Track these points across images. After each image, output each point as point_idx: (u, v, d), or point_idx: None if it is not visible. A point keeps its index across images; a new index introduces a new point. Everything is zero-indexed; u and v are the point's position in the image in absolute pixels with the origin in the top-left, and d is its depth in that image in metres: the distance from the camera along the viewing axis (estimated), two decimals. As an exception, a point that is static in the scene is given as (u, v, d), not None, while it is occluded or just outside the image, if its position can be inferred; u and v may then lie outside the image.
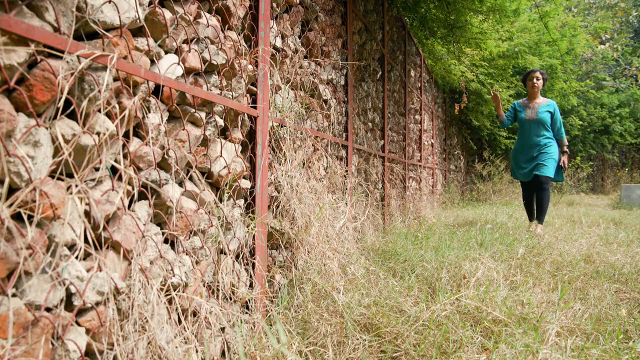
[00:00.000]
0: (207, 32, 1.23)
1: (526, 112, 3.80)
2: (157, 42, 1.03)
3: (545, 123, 3.71)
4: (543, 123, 3.72)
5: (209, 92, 1.19)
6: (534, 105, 3.79)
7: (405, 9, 3.29)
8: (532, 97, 3.85)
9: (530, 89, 3.83)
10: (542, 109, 3.76)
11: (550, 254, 2.58)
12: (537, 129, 3.74)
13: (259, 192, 1.49)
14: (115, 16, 0.89)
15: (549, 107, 3.78)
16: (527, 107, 3.83)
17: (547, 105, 3.80)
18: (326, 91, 2.19)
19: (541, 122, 3.72)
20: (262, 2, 1.53)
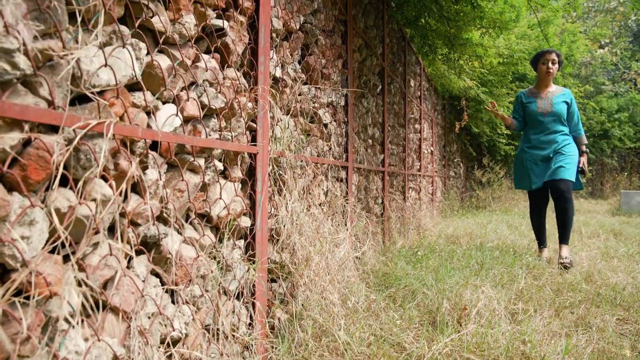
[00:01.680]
0: (205, 75, 1.21)
1: (537, 103, 3.09)
2: (154, 95, 1.01)
3: (561, 116, 3.03)
4: (559, 116, 3.03)
5: (207, 138, 1.18)
6: (547, 95, 3.09)
7: (405, 24, 3.27)
8: (543, 84, 3.13)
9: (543, 75, 3.08)
10: (557, 99, 3.07)
11: (550, 274, 2.57)
12: (552, 123, 3.05)
13: (259, 229, 1.48)
14: (112, 77, 0.87)
15: (565, 97, 3.08)
16: (537, 97, 3.12)
17: (562, 94, 3.10)
18: (326, 115, 2.17)
19: (557, 115, 3.03)
20: (261, 35, 1.50)
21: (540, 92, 3.16)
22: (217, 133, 1.25)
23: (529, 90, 3.27)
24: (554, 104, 3.06)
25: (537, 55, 3.17)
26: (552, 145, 3.05)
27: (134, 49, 0.95)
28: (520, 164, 3.18)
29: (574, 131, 3.14)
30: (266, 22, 1.53)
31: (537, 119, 3.11)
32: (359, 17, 2.79)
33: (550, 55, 3.06)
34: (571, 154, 3.00)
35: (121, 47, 0.88)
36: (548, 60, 3.06)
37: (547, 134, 3.08)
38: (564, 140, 3.06)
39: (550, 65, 3.07)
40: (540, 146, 3.09)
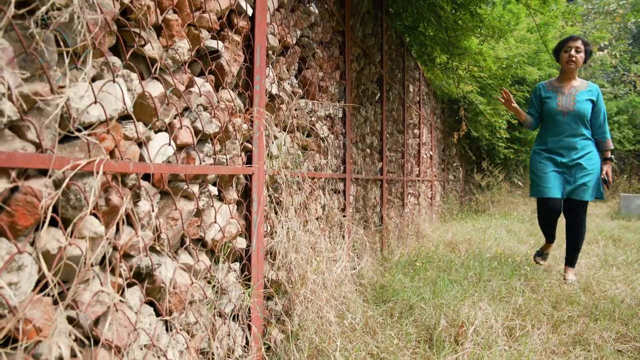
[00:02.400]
0: (199, 100, 1.20)
1: (558, 99, 2.68)
2: (147, 125, 1.00)
3: (585, 117, 2.62)
4: (582, 117, 2.62)
5: (201, 165, 1.17)
6: (570, 90, 2.67)
7: (404, 32, 3.25)
8: (566, 76, 2.71)
9: (565, 65, 2.66)
10: (581, 95, 2.65)
11: (549, 285, 2.56)
12: (574, 125, 2.63)
13: (255, 251, 1.47)
14: (102, 112, 0.85)
15: (591, 94, 2.66)
16: (558, 92, 2.70)
17: (588, 90, 2.67)
18: (323, 129, 2.16)
19: (580, 116, 2.61)
20: (257, 55, 1.49)
21: (562, 86, 2.71)
22: (211, 158, 1.24)
23: (549, 83, 2.81)
24: (577, 102, 2.63)
25: (560, 43, 2.76)
26: (572, 153, 2.65)
27: (125, 80, 0.94)
28: (533, 169, 2.78)
29: (598, 134, 2.69)
30: (262, 41, 1.52)
31: (555, 119, 2.67)
32: (357, 26, 2.78)
33: (575, 42, 2.63)
34: (593, 168, 2.62)
35: (112, 81, 0.87)
36: (571, 47, 2.62)
37: (566, 137, 2.66)
38: (585, 147, 2.65)
39: (573, 54, 2.62)
40: (558, 151, 2.68)
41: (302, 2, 1.97)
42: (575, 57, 2.65)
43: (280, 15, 1.76)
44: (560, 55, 2.74)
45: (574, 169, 2.65)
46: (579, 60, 2.67)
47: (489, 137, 6.06)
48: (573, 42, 2.65)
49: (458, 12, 2.64)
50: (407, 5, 2.59)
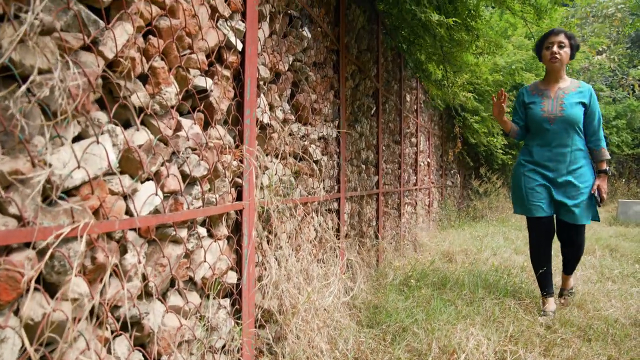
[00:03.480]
0: (187, 143, 1.20)
1: (543, 104, 2.33)
2: (133, 178, 1.01)
3: (576, 123, 2.26)
4: (573, 123, 2.26)
5: (190, 210, 1.17)
6: (557, 93, 2.32)
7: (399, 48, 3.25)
8: (552, 77, 2.36)
9: (549, 63, 2.31)
10: (570, 98, 2.28)
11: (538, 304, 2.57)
12: (563, 133, 2.29)
13: (246, 284, 1.47)
14: (86, 174, 0.86)
15: (582, 96, 2.29)
16: (543, 96, 2.36)
17: (578, 92, 2.30)
18: (317, 152, 2.16)
19: (570, 122, 2.26)
20: (247, 89, 1.49)
21: (547, 88, 2.36)
22: (200, 200, 1.25)
23: (534, 86, 2.46)
24: (565, 106, 2.27)
25: (539, 40, 2.39)
26: (561, 166, 2.30)
27: (111, 135, 0.95)
28: (518, 184, 2.44)
29: (592, 141, 2.35)
30: (252, 74, 1.52)
31: (541, 127, 2.32)
32: (352, 43, 2.78)
33: (557, 36, 2.27)
34: (586, 182, 2.30)
35: (96, 142, 0.87)
36: (553, 43, 2.27)
37: (554, 147, 2.31)
38: (577, 160, 2.30)
39: (556, 50, 2.26)
40: (545, 164, 2.34)
41: (294, 27, 1.96)
42: (559, 54, 2.28)
43: (272, 42, 1.76)
44: (542, 54, 2.37)
45: (564, 188, 2.32)
46: (563, 56, 2.30)
47: (487, 143, 6.07)
48: (555, 37, 2.29)
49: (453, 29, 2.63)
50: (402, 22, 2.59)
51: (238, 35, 1.46)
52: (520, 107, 2.52)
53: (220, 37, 1.37)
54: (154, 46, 1.08)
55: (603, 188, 2.34)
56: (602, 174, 2.35)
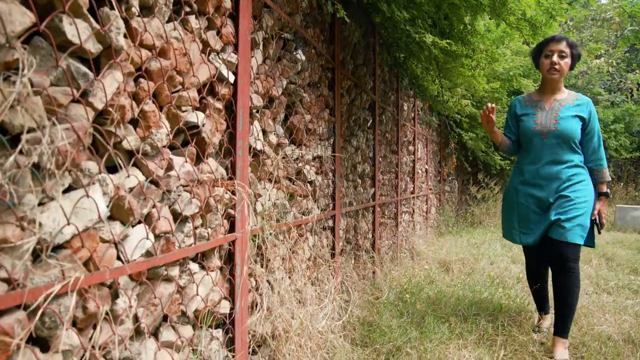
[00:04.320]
0: (179, 182, 1.22)
1: (536, 116, 2.15)
2: (124, 224, 1.02)
3: (571, 138, 2.06)
4: (568, 138, 2.06)
5: (181, 249, 1.19)
6: (552, 105, 2.14)
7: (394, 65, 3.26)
8: (548, 87, 2.18)
9: (546, 74, 2.12)
10: (566, 111, 2.09)
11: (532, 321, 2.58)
12: (557, 149, 2.08)
13: (239, 314, 1.49)
14: (76, 229, 0.87)
15: (580, 109, 2.10)
16: (537, 108, 2.17)
17: (576, 105, 2.11)
18: (311, 172, 2.17)
19: (564, 137, 2.06)
20: (239, 120, 1.51)
21: (542, 99, 2.18)
22: (191, 237, 1.26)
23: (527, 97, 2.27)
24: (560, 120, 2.07)
25: (538, 46, 2.17)
26: (554, 184, 2.08)
27: (101, 184, 0.96)
28: (508, 205, 2.29)
29: (592, 161, 2.13)
30: (244, 104, 1.53)
31: (532, 142, 2.13)
32: (347, 59, 2.78)
33: (558, 44, 2.05)
34: (583, 198, 2.03)
35: (86, 196, 0.89)
36: (553, 51, 2.06)
37: (546, 164, 2.10)
38: (573, 176, 2.07)
39: (556, 60, 2.05)
40: (537, 183, 2.12)
41: (288, 50, 1.98)
42: (558, 65, 2.07)
43: (265, 67, 1.77)
44: (540, 62, 2.16)
45: (556, 204, 2.07)
46: (563, 67, 2.09)
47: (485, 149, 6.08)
48: (555, 45, 2.07)
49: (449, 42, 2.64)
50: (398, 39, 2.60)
51: (230, 67, 1.48)
52: (511, 119, 2.33)
53: (212, 71, 1.39)
54: (145, 90, 1.10)
55: (603, 212, 2.14)
56: (603, 197, 2.15)
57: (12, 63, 0.79)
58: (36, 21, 0.80)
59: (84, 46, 0.90)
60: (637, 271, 3.86)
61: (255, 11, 1.68)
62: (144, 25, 1.08)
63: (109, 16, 0.98)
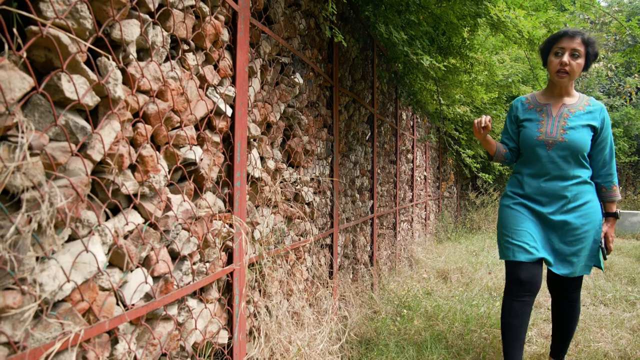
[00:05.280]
0: (177, 221, 1.23)
1: (541, 123, 1.87)
2: (123, 271, 1.04)
3: (580, 151, 1.81)
4: (577, 151, 1.81)
5: (180, 289, 1.20)
6: (560, 111, 1.86)
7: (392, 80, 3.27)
8: (555, 90, 1.90)
9: (554, 76, 1.84)
10: (577, 119, 1.84)
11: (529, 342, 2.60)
12: (563, 163, 1.83)
13: (237, 343, 1.51)
14: (77, 281, 0.89)
15: (592, 117, 1.85)
16: (542, 113, 1.89)
17: (588, 112, 1.85)
18: (309, 193, 2.19)
19: (573, 149, 1.81)
20: (237, 151, 1.52)
21: (549, 103, 1.90)
22: (190, 275, 1.28)
23: (532, 98, 1.98)
24: (569, 129, 1.81)
25: (548, 41, 1.88)
26: (559, 202, 1.83)
27: (100, 235, 0.98)
28: (502, 221, 1.96)
29: (602, 177, 1.89)
30: (242, 136, 1.55)
31: (535, 153, 1.87)
32: (345, 75, 2.79)
33: (571, 41, 1.76)
34: (589, 228, 1.81)
35: (85, 251, 0.90)
36: (565, 49, 1.77)
37: (550, 179, 1.85)
38: (580, 196, 1.82)
39: (566, 60, 1.76)
40: (538, 199, 1.87)
41: (286, 75, 1.99)
42: (569, 66, 1.77)
43: (263, 94, 1.78)
44: (549, 61, 1.87)
45: (560, 230, 1.83)
46: (574, 69, 1.79)
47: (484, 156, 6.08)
48: (568, 41, 1.77)
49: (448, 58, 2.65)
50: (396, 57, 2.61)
51: (228, 100, 1.49)
52: (511, 124, 2.02)
53: (210, 106, 1.40)
54: (142, 135, 1.11)
55: (611, 236, 1.89)
56: (611, 219, 1.89)
57: (12, 125, 0.80)
58: (35, 85, 0.82)
59: (82, 102, 0.91)
60: (634, 281, 3.88)
61: (253, 39, 1.69)
62: (141, 70, 1.09)
63: (107, 67, 0.99)
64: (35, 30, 0.83)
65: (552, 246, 1.86)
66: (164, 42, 1.20)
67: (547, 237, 1.87)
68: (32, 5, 0.85)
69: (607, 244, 1.89)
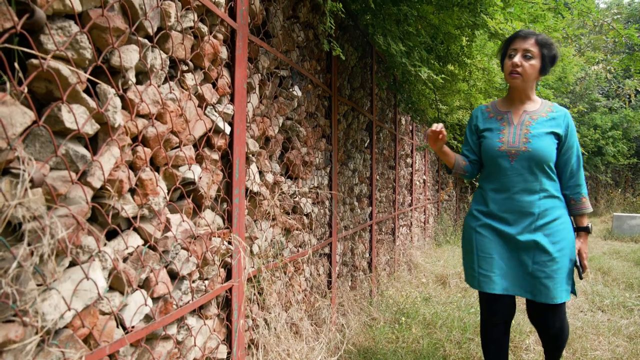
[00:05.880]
0: (177, 242, 1.25)
1: (502, 132, 1.75)
2: (123, 294, 1.06)
3: (545, 161, 1.68)
4: (541, 161, 1.67)
5: (179, 309, 1.22)
6: (522, 118, 1.74)
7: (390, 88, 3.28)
8: (515, 96, 1.77)
9: (507, 77, 1.72)
10: (539, 126, 1.70)
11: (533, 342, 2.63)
12: (528, 175, 1.69)
13: (236, 358, 1.53)
14: (78, 308, 0.91)
15: (556, 124, 1.71)
16: (502, 122, 1.77)
17: (551, 118, 1.72)
18: (307, 204, 2.20)
19: (537, 160, 1.67)
20: (236, 168, 1.54)
21: (509, 110, 1.78)
22: (189, 294, 1.30)
23: (492, 106, 1.85)
24: (532, 138, 1.68)
25: (504, 44, 1.80)
26: (525, 220, 1.69)
27: (101, 260, 1.00)
28: (466, 245, 1.83)
29: (570, 188, 1.74)
30: (241, 152, 1.56)
31: (498, 164, 1.74)
32: (344, 84, 2.81)
33: (524, 42, 1.67)
34: (562, 247, 1.66)
35: (86, 279, 0.92)
36: (518, 50, 1.67)
37: (515, 194, 1.70)
38: (549, 212, 1.68)
39: (517, 61, 1.66)
40: (503, 216, 1.72)
41: (284, 88, 2.00)
42: (522, 67, 1.66)
43: (262, 107, 1.80)
44: (504, 63, 1.77)
45: (531, 252, 1.67)
46: (527, 71, 1.67)
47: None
48: (521, 43, 1.67)
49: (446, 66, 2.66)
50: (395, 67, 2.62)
51: (226, 118, 1.50)
52: (472, 134, 1.89)
53: (208, 125, 1.41)
54: (142, 158, 1.13)
55: (584, 253, 1.73)
56: (583, 234, 1.74)
57: (13, 158, 0.82)
58: (36, 118, 0.83)
59: (82, 132, 0.93)
60: (632, 286, 3.90)
61: (252, 54, 1.70)
62: (140, 95, 1.11)
63: (106, 94, 1.00)
64: (36, 64, 0.84)
65: (525, 270, 1.69)
66: (162, 64, 1.21)
67: (517, 262, 1.71)
68: (34, 37, 0.86)
69: (581, 261, 1.73)
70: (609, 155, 9.27)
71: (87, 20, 0.96)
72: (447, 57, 2.77)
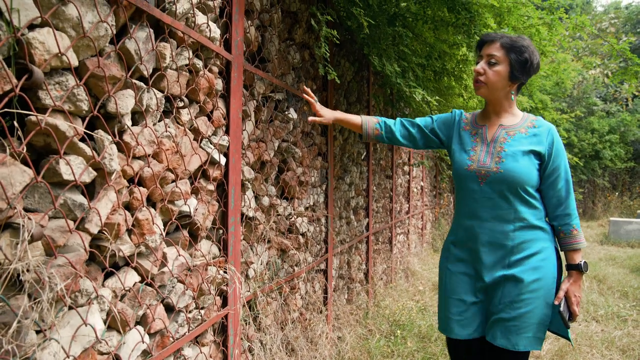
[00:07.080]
0: (173, 277, 1.28)
1: (473, 150, 1.51)
2: (121, 333, 1.09)
3: (519, 184, 1.41)
4: (515, 184, 1.42)
5: (176, 341, 1.26)
6: (496, 134, 1.49)
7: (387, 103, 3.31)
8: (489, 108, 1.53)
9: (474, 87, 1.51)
10: (516, 143, 1.45)
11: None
12: (501, 200, 1.44)
13: (231, 383, 1.57)
14: (73, 358, 0.94)
15: (537, 141, 1.45)
16: (477, 136, 1.53)
17: (532, 135, 1.46)
18: (303, 224, 2.24)
19: (510, 182, 1.42)
20: (231, 197, 1.57)
21: (485, 124, 1.53)
22: (185, 326, 1.33)
23: (471, 117, 1.60)
24: (505, 157, 1.44)
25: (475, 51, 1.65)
26: (498, 253, 1.46)
27: (99, 302, 1.03)
28: (440, 282, 1.64)
29: (558, 218, 1.46)
30: (236, 181, 1.59)
31: (466, 186, 1.52)
32: (340, 100, 2.84)
33: (489, 46, 1.46)
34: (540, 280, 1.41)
35: (84, 325, 0.95)
36: (482, 56, 1.47)
37: (486, 221, 1.47)
38: (525, 245, 1.44)
39: (479, 68, 1.46)
40: (472, 248, 1.51)
41: (280, 111, 2.03)
42: (485, 74, 1.45)
43: (257, 132, 1.83)
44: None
45: (500, 288, 1.45)
46: (490, 77, 1.44)
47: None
48: (486, 48, 1.47)
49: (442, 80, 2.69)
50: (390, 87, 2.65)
51: (222, 149, 1.53)
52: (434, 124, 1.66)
53: (204, 157, 1.45)
54: (138, 199, 1.16)
55: (575, 296, 1.41)
56: (575, 273, 1.43)
57: (13, 214, 0.85)
58: (34, 175, 0.86)
59: (79, 182, 0.96)
60: (627, 295, 3.94)
61: (247, 82, 1.73)
62: (136, 138, 1.14)
63: (103, 142, 1.03)
64: (34, 121, 0.87)
65: (491, 309, 1.47)
66: (158, 104, 1.24)
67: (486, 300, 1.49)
68: (32, 93, 0.89)
69: (570, 306, 1.41)
70: (606, 159, 9.31)
71: (85, 71, 0.99)
72: (443, 72, 2.79)
